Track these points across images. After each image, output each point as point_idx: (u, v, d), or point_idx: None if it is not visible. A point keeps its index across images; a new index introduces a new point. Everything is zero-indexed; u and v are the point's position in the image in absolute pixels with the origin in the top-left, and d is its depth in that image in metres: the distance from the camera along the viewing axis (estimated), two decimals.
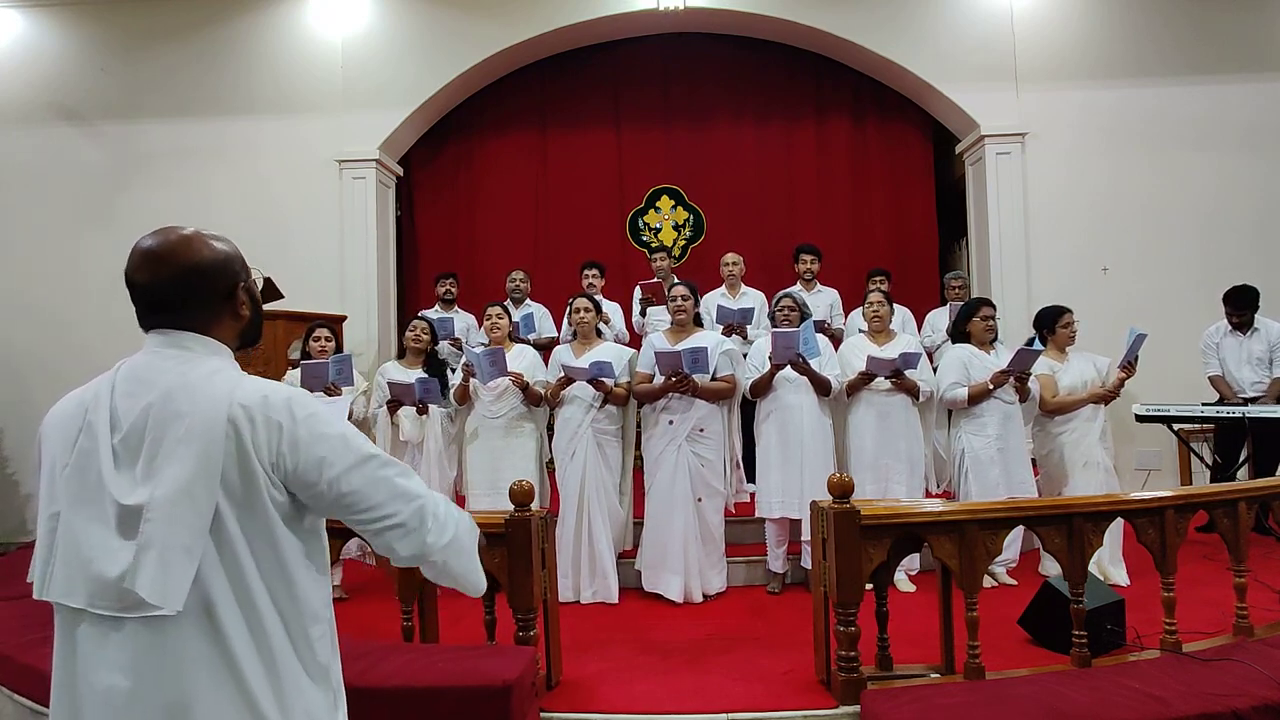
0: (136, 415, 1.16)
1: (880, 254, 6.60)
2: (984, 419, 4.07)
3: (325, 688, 1.24)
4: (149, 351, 1.23)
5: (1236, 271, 5.43)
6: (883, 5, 6.23)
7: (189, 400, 1.16)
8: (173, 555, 1.11)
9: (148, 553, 1.10)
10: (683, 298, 4.13)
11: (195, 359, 1.22)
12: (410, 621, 2.95)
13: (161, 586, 1.10)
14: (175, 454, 1.13)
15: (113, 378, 1.21)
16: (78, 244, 6.35)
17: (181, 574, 1.11)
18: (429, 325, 4.52)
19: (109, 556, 1.12)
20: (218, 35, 6.43)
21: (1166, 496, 2.94)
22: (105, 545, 1.13)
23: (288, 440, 1.18)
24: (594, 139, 6.96)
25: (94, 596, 1.13)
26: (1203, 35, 6.12)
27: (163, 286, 1.22)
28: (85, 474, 1.16)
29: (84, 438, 1.17)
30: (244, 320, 1.31)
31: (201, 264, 1.24)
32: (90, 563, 1.13)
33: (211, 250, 1.26)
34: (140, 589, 1.09)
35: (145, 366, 1.21)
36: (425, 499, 1.28)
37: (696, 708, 2.76)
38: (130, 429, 1.16)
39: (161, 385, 1.18)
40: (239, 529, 1.15)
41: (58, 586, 1.15)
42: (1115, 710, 2.31)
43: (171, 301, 1.23)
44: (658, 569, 4.00)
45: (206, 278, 1.25)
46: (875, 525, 2.74)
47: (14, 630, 3.33)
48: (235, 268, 1.29)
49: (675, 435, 3.97)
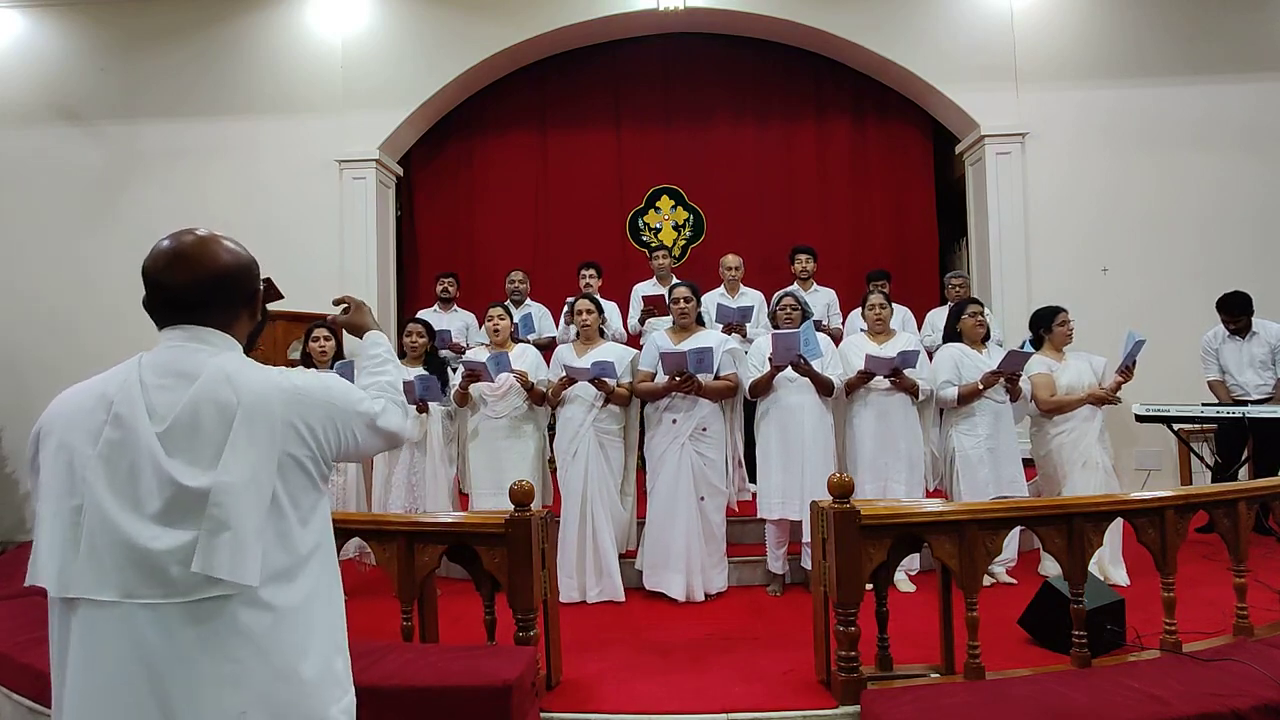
0: (182, 406, 1.19)
1: (880, 254, 6.60)
2: (975, 418, 4.07)
3: (345, 656, 1.32)
4: (173, 346, 1.26)
5: (1236, 271, 5.44)
6: (883, 5, 6.24)
7: (234, 390, 1.21)
8: (245, 535, 1.15)
9: (220, 535, 1.14)
10: (685, 299, 4.14)
11: (220, 352, 1.27)
12: (410, 621, 2.95)
13: (239, 565, 1.14)
14: (234, 442, 1.18)
15: (137, 372, 1.23)
16: (77, 244, 6.35)
17: (253, 552, 1.16)
18: (425, 326, 4.52)
19: (154, 543, 1.15)
20: (218, 35, 6.43)
21: (1166, 496, 2.94)
22: (147, 533, 1.15)
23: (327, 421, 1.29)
24: (594, 139, 6.96)
25: (134, 586, 1.14)
26: (1203, 35, 6.12)
27: (194, 288, 1.27)
28: (114, 465, 1.17)
29: (110, 429, 1.18)
30: (257, 322, 1.39)
31: (231, 268, 1.31)
32: (133, 550, 1.14)
33: (236, 254, 1.33)
34: (218, 570, 1.13)
35: (174, 359, 1.24)
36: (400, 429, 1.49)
37: (696, 708, 2.76)
38: (175, 420, 1.18)
39: (202, 376, 1.21)
40: (291, 506, 1.23)
41: (83, 580, 1.15)
42: (1115, 710, 2.31)
43: (201, 302, 1.28)
44: (660, 568, 3.99)
45: (237, 281, 1.32)
46: (875, 525, 2.74)
47: (13, 630, 3.33)
48: (256, 271, 1.37)
49: (678, 434, 3.97)
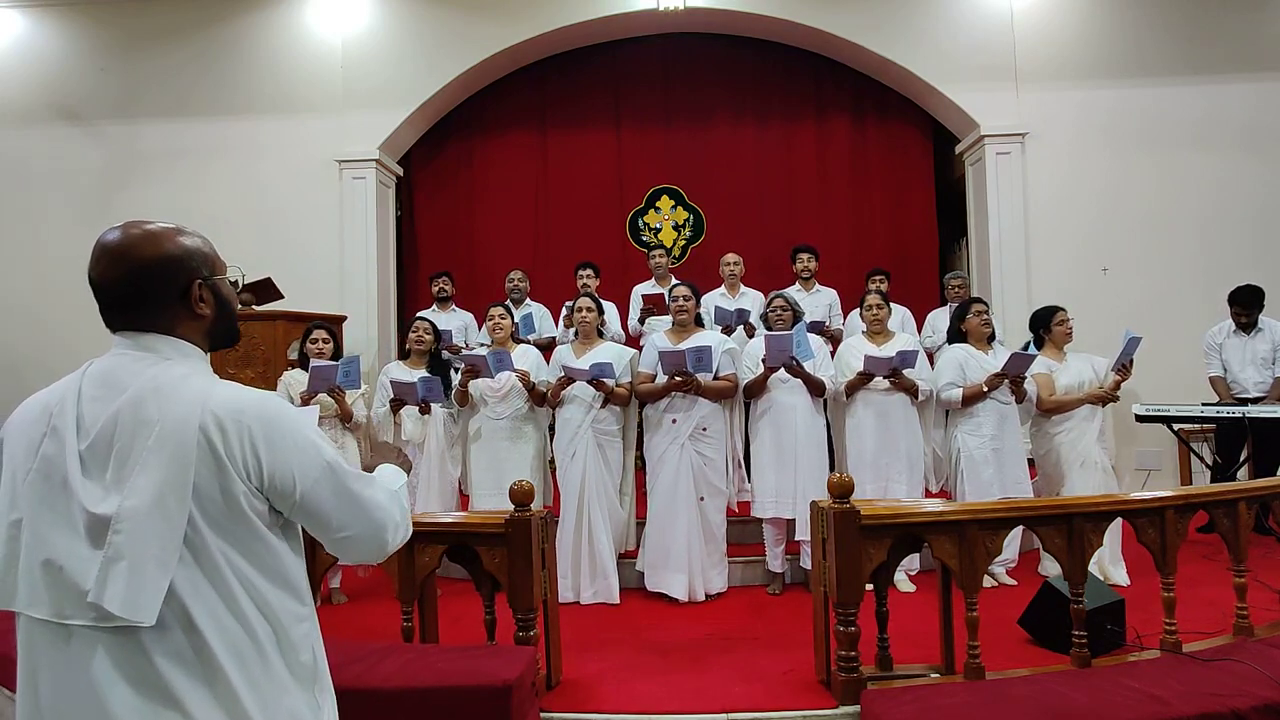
0: (104, 421, 1.11)
1: (880, 254, 6.60)
2: (979, 419, 4.07)
3: (308, 687, 1.21)
4: (116, 354, 1.18)
5: (1236, 271, 5.43)
6: (883, 6, 6.24)
7: (158, 407, 1.11)
8: (144, 567, 1.05)
9: (117, 565, 1.05)
10: (684, 298, 4.15)
11: (164, 363, 1.17)
12: (410, 622, 2.95)
13: (133, 599, 1.05)
14: (145, 463, 1.08)
15: (79, 380, 1.16)
16: (77, 244, 6.27)
17: (154, 586, 1.06)
18: (431, 325, 4.51)
19: (81, 567, 1.07)
20: (218, 35, 6.44)
21: (1166, 496, 2.94)
22: (76, 554, 1.07)
23: (263, 450, 1.13)
24: (594, 139, 6.96)
25: (63, 606, 1.07)
26: (1203, 35, 6.12)
27: (115, 283, 1.18)
28: (50, 480, 1.10)
29: (48, 442, 1.12)
30: (205, 320, 1.23)
31: (152, 260, 1.18)
32: (60, 570, 1.07)
33: (168, 246, 1.20)
34: (108, 603, 1.04)
35: (113, 370, 1.16)
36: (385, 512, 1.28)
37: (696, 708, 2.76)
38: (98, 435, 1.10)
39: (130, 390, 1.12)
40: (217, 537, 1.11)
41: (21, 597, 1.10)
42: (1115, 710, 2.31)
43: (126, 299, 1.18)
44: (661, 568, 4.00)
45: (157, 275, 1.19)
46: (875, 525, 2.74)
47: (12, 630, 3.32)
48: (192, 264, 1.22)
49: (678, 434, 3.97)
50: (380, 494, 1.28)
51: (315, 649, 1.25)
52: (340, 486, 1.21)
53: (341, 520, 1.23)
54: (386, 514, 1.27)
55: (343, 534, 1.24)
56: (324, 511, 1.21)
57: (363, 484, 1.26)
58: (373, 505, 1.25)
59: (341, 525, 1.23)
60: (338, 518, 1.22)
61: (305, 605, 1.23)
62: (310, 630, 1.24)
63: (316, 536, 1.25)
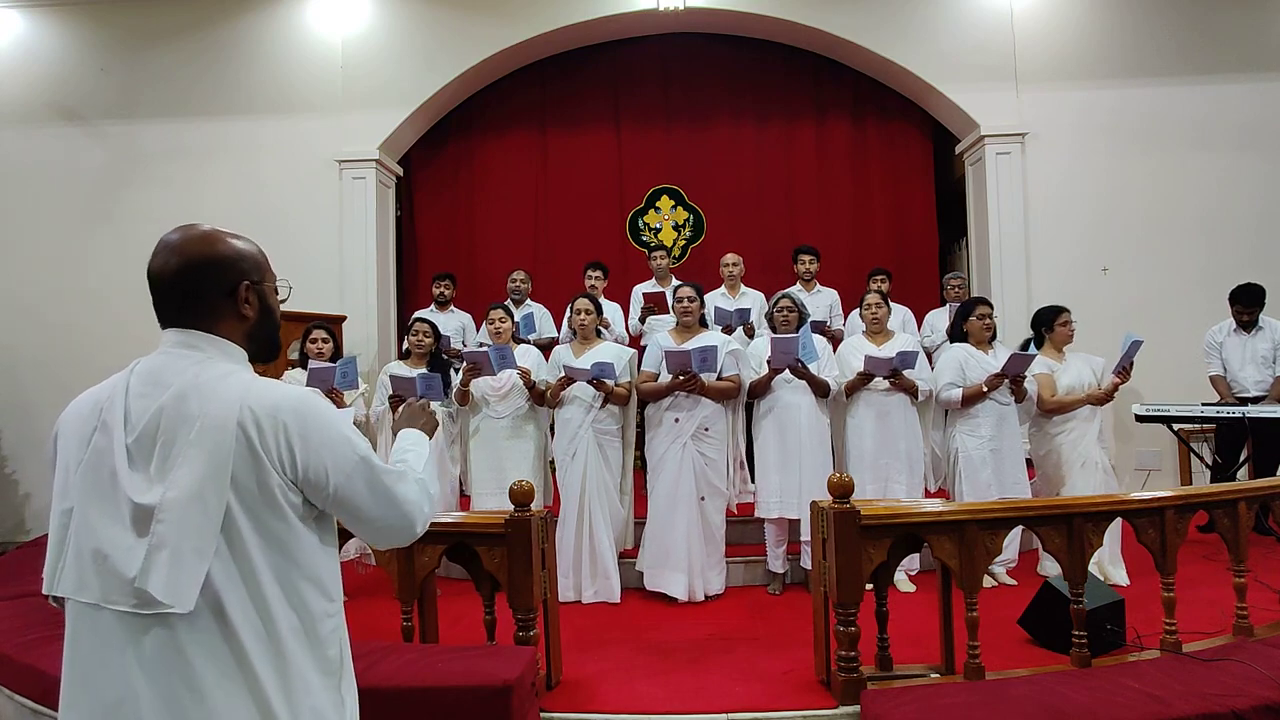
0: (149, 416, 1.17)
1: (880, 254, 6.60)
2: (978, 419, 4.07)
3: (334, 683, 1.26)
4: (163, 351, 1.25)
5: (1237, 271, 5.43)
6: (883, 5, 6.23)
7: (200, 402, 1.17)
8: (184, 556, 1.12)
9: (160, 553, 1.11)
10: (689, 299, 4.15)
11: (208, 360, 1.23)
12: (410, 621, 2.95)
13: (174, 586, 1.11)
14: (186, 456, 1.14)
15: (128, 376, 1.22)
16: (77, 244, 6.35)
17: (192, 574, 1.12)
18: (431, 326, 4.51)
19: (126, 553, 1.13)
20: (218, 35, 6.43)
21: (1166, 496, 2.94)
22: (121, 542, 1.14)
23: (298, 445, 1.19)
24: (594, 139, 6.96)
25: (109, 592, 1.13)
26: (1203, 35, 6.12)
27: (168, 277, 1.24)
28: (99, 471, 1.17)
29: (99, 435, 1.18)
30: (248, 322, 1.30)
31: (205, 258, 1.25)
32: (106, 559, 1.14)
33: (221, 246, 1.27)
34: (152, 588, 1.11)
35: (159, 367, 1.22)
36: (414, 505, 1.33)
37: (696, 708, 2.76)
38: (143, 429, 1.17)
39: (175, 386, 1.19)
40: (253, 529, 1.17)
41: (69, 581, 1.16)
42: (1115, 710, 2.31)
43: (177, 293, 1.25)
44: (661, 568, 4.00)
45: (208, 272, 1.25)
46: (875, 525, 2.74)
47: (14, 630, 3.33)
48: (243, 266, 1.29)
49: (680, 433, 3.97)
50: (411, 489, 1.33)
51: (342, 644, 1.30)
52: (374, 481, 1.27)
53: (375, 513, 1.29)
54: (416, 507, 1.34)
55: (376, 525, 1.31)
56: (358, 504, 1.27)
57: (394, 479, 1.31)
58: (403, 499, 1.31)
59: (375, 517, 1.29)
60: (371, 510, 1.28)
61: (334, 601, 1.27)
62: (338, 626, 1.28)
63: (349, 527, 1.32)
